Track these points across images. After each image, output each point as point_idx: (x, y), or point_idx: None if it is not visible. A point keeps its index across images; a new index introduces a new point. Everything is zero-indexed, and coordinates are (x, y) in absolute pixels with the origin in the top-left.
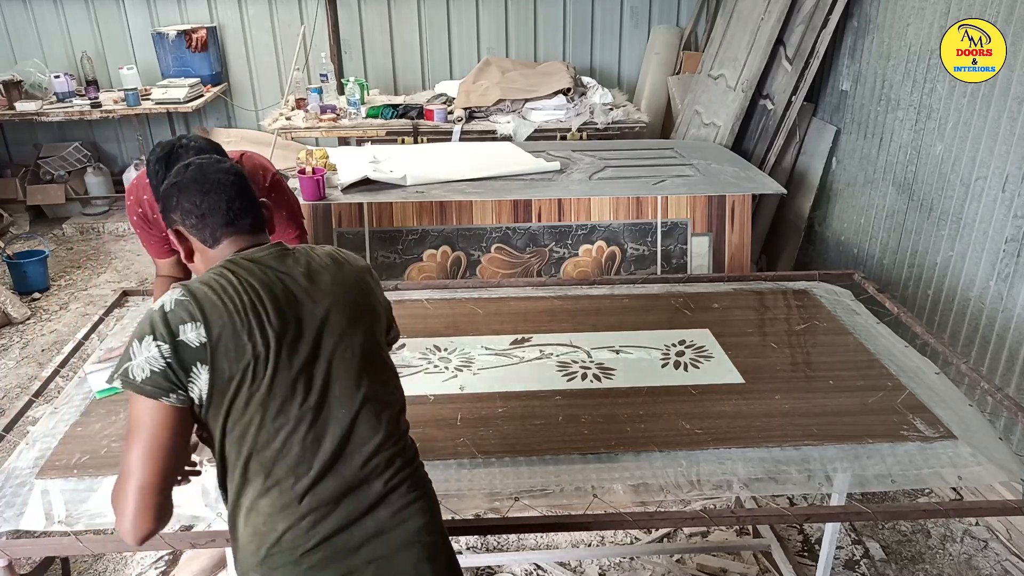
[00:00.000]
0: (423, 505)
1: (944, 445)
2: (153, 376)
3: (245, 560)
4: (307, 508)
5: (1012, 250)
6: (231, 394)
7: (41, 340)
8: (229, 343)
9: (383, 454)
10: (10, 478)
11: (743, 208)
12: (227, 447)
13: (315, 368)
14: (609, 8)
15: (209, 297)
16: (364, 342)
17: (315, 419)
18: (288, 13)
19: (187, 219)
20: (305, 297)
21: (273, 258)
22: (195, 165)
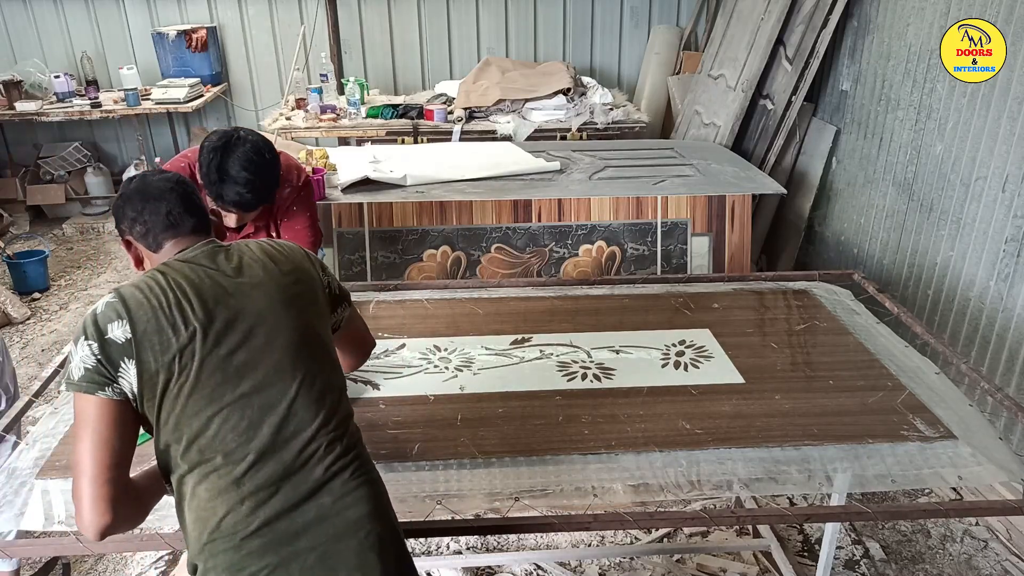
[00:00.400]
0: (367, 492)
1: (944, 445)
2: (87, 373)
3: (191, 548)
4: (246, 492)
5: (1012, 250)
6: (161, 386)
7: (41, 340)
8: (153, 338)
9: (322, 439)
10: (10, 478)
11: (743, 208)
12: (164, 437)
13: (246, 357)
14: (609, 8)
15: (136, 296)
16: (299, 327)
17: (248, 406)
18: (288, 13)
19: (133, 228)
20: (235, 289)
21: (204, 256)
22: (138, 177)
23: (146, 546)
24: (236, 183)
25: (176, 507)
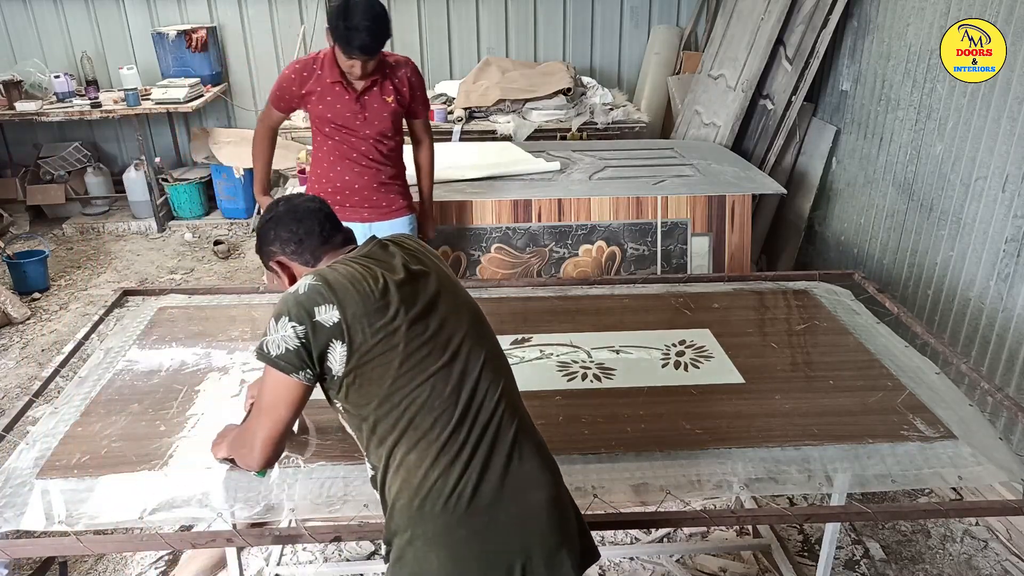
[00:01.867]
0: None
1: (944, 445)
2: (287, 353)
3: (399, 516)
4: (453, 457)
5: (1012, 250)
6: (371, 364)
7: (41, 340)
8: (363, 319)
9: (507, 404)
10: (10, 478)
11: (743, 208)
12: (373, 412)
13: (443, 329)
14: (609, 8)
15: (339, 281)
16: (469, 302)
17: (450, 374)
18: (288, 13)
19: (286, 247)
20: (418, 273)
21: (376, 249)
22: (283, 201)
23: (146, 546)
24: (359, 30)
25: (379, 476)
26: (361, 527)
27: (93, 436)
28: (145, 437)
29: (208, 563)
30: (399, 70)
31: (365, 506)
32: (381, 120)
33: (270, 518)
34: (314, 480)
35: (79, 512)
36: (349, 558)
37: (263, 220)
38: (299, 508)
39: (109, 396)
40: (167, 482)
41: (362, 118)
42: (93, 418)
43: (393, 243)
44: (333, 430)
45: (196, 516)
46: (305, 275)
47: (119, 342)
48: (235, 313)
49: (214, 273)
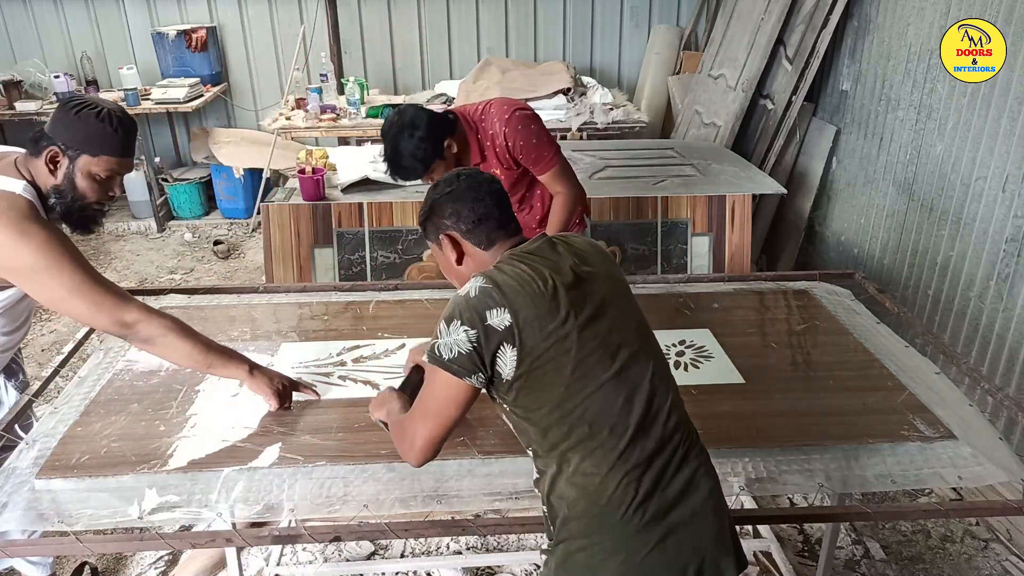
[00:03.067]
0: (709, 464)
1: (944, 445)
2: (459, 357)
3: (573, 523)
4: (630, 466)
5: (1012, 250)
6: (542, 368)
7: (41, 340)
8: (534, 323)
9: (675, 414)
10: (10, 478)
11: (743, 208)
12: (545, 417)
13: (613, 336)
14: (609, 8)
15: (509, 283)
16: (637, 310)
17: (623, 382)
18: (288, 13)
19: (464, 224)
20: (586, 275)
21: (546, 247)
22: (465, 175)
23: (146, 546)
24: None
25: (547, 481)
26: (361, 527)
27: (93, 436)
28: (145, 437)
29: (208, 563)
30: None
31: (365, 506)
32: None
33: (270, 518)
34: (314, 480)
35: (79, 512)
36: (349, 558)
37: (442, 190)
38: (299, 508)
39: (109, 396)
40: (167, 482)
41: None
42: (93, 418)
43: (562, 242)
44: (332, 429)
45: (196, 516)
46: (473, 276)
47: (119, 342)
48: (235, 313)
49: (214, 273)
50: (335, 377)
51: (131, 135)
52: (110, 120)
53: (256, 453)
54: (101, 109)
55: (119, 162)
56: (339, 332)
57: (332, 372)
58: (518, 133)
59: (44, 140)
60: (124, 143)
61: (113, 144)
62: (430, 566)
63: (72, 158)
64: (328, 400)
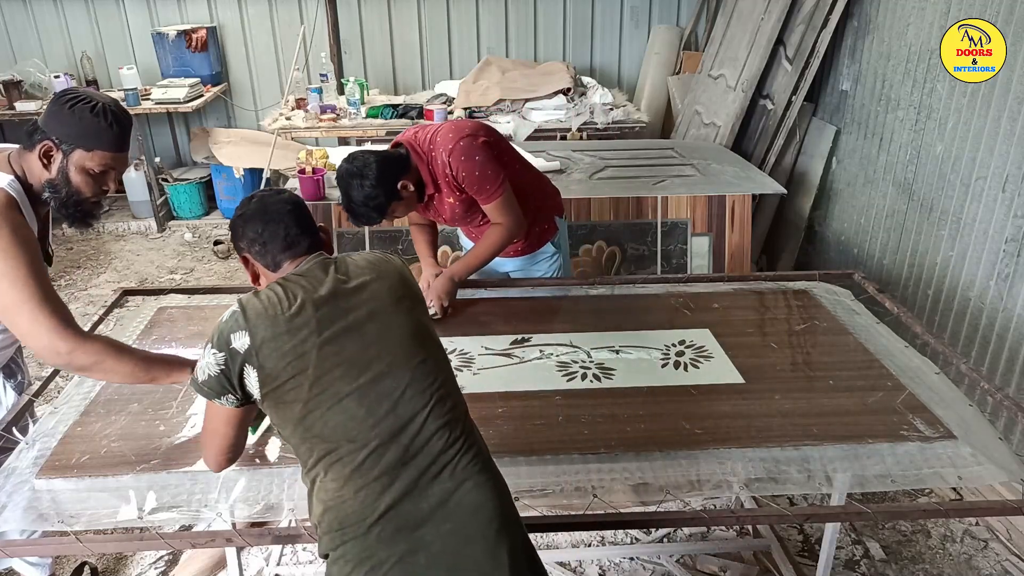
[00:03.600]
0: (487, 478)
1: (944, 445)
2: (209, 379)
3: (323, 538)
4: (370, 478)
5: (1012, 250)
6: (284, 387)
7: None
8: (271, 344)
9: (437, 424)
10: (10, 478)
11: (743, 208)
12: (292, 434)
13: (362, 352)
14: (609, 8)
15: (256, 307)
16: (409, 322)
17: (366, 395)
18: (288, 13)
19: (252, 247)
20: (347, 293)
21: (317, 267)
22: (257, 198)
23: (146, 546)
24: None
25: (308, 498)
26: None
27: (93, 436)
28: (145, 437)
29: (208, 563)
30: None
31: None
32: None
33: (270, 518)
34: None
35: (79, 512)
36: None
37: (236, 213)
38: (299, 508)
39: (109, 396)
40: (167, 482)
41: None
42: (93, 418)
43: (338, 261)
44: None
45: (196, 516)
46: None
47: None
48: None
49: (214, 273)
50: None
51: (126, 130)
52: (104, 115)
53: (256, 453)
54: (95, 104)
55: (114, 157)
56: None
57: None
58: (461, 164)
59: (38, 133)
60: (119, 138)
61: (108, 139)
62: None
63: (66, 152)
64: None
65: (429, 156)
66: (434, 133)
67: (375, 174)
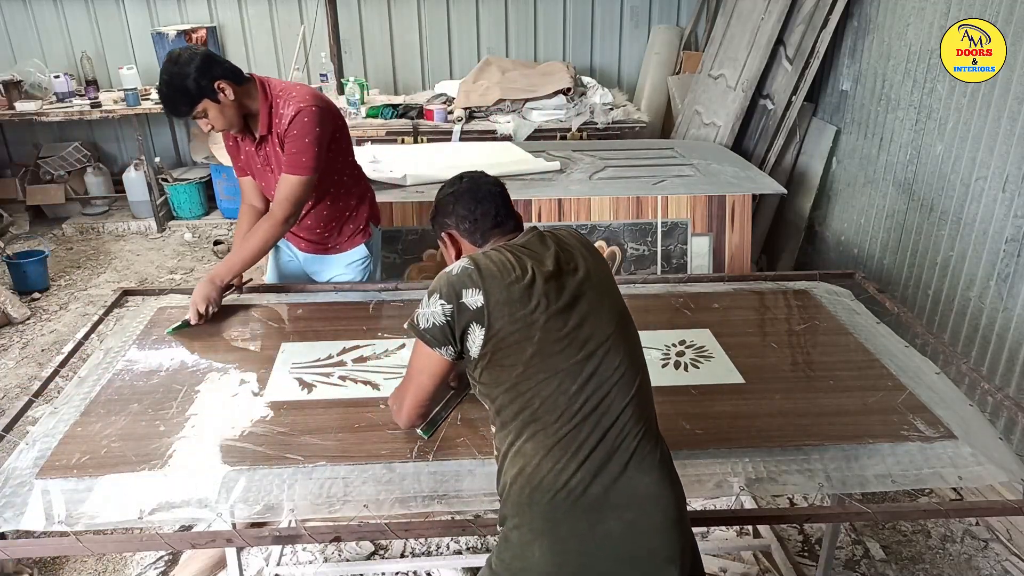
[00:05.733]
0: (668, 469)
1: (944, 445)
2: (433, 328)
3: (511, 502)
4: (567, 452)
5: (1012, 250)
6: (506, 351)
7: (41, 340)
8: (504, 308)
9: (635, 415)
10: (10, 478)
11: (743, 208)
12: (500, 396)
13: (582, 328)
14: (609, 8)
15: (490, 268)
16: (619, 307)
17: (580, 372)
18: (288, 13)
19: (461, 224)
20: (567, 270)
21: (535, 240)
22: (468, 178)
23: (146, 546)
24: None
25: (498, 459)
26: (361, 527)
27: (93, 436)
28: (145, 437)
29: (208, 563)
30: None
31: (365, 506)
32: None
33: (270, 518)
34: (314, 480)
35: (79, 512)
36: (349, 558)
37: (445, 192)
38: (299, 508)
39: (109, 396)
40: (167, 482)
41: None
42: (93, 418)
43: (553, 236)
44: (332, 429)
45: (196, 516)
46: (463, 257)
47: (119, 342)
48: (235, 313)
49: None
50: (335, 377)
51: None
52: None
53: (256, 453)
54: None
55: None
56: (339, 332)
57: (332, 372)
58: (302, 123)
59: None
60: None
61: None
62: (430, 566)
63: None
64: (328, 400)
65: (275, 100)
66: (293, 86)
67: (198, 62)
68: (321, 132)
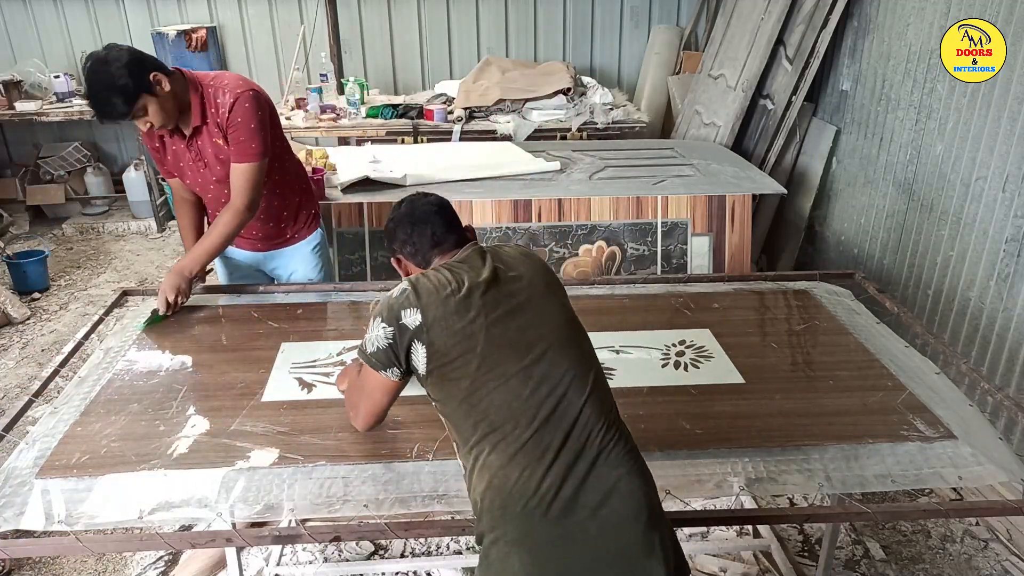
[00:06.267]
0: (638, 466)
1: (944, 445)
2: (378, 352)
3: (485, 517)
4: (532, 458)
5: (1012, 250)
6: (451, 364)
7: (41, 340)
8: (442, 323)
9: (596, 412)
10: (10, 478)
11: (743, 208)
12: (455, 411)
13: (526, 334)
14: (609, 8)
15: (427, 286)
16: (563, 309)
17: (531, 376)
18: (288, 13)
19: (404, 248)
20: (506, 279)
21: (474, 255)
22: (406, 202)
23: (146, 546)
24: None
25: (466, 476)
26: (361, 527)
27: (93, 436)
28: (145, 437)
29: (208, 563)
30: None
31: (365, 506)
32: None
33: (270, 518)
34: (314, 480)
35: (79, 512)
36: (349, 558)
37: (389, 218)
38: (299, 508)
39: (109, 396)
40: (167, 482)
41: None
42: (93, 418)
43: (491, 250)
44: (332, 429)
45: (196, 516)
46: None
47: (119, 342)
48: (235, 313)
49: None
50: (335, 377)
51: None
52: None
53: (256, 453)
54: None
55: None
56: (339, 332)
57: (332, 372)
58: (244, 110)
59: None
60: None
61: None
62: (430, 566)
63: None
64: (328, 400)
65: (206, 88)
66: (222, 75)
67: (126, 57)
68: (263, 116)
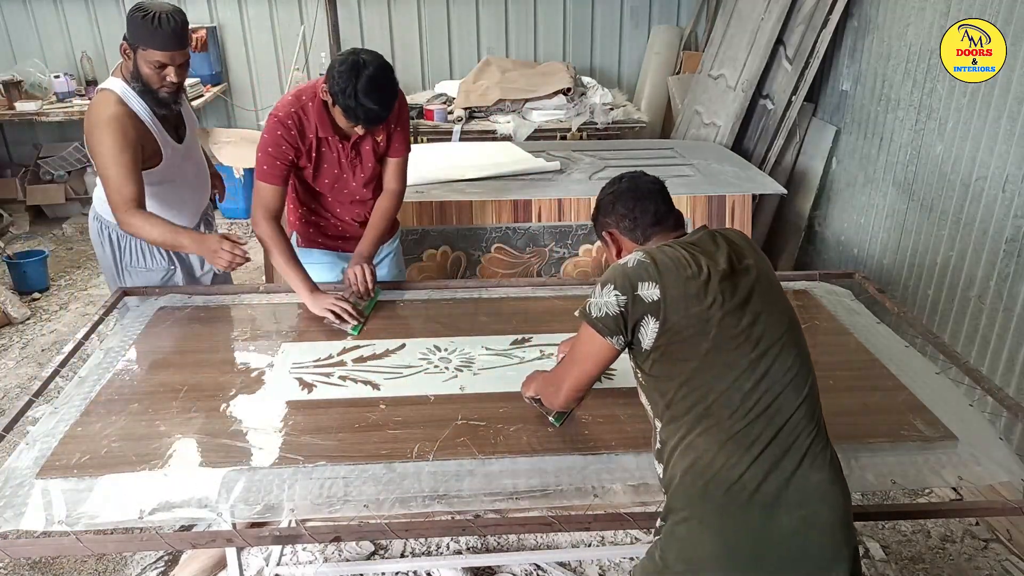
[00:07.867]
0: (839, 474)
1: (944, 445)
2: (605, 317)
3: (680, 495)
4: (741, 447)
5: (1012, 250)
6: (680, 345)
7: (41, 340)
8: (680, 303)
9: (808, 414)
10: (10, 478)
11: (743, 208)
12: (673, 390)
13: (756, 327)
14: (609, 8)
15: (666, 263)
16: (789, 309)
17: (755, 370)
18: (288, 13)
19: (621, 222)
20: (740, 269)
21: (706, 240)
22: (627, 178)
23: (146, 546)
24: (370, 106)
25: (665, 451)
26: (361, 527)
27: (93, 436)
28: (145, 437)
29: (208, 563)
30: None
31: (365, 506)
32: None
33: (270, 518)
34: (314, 480)
35: (79, 512)
36: (349, 558)
37: (606, 191)
38: (299, 508)
39: (109, 396)
40: (167, 482)
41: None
42: (93, 418)
43: (723, 236)
44: (332, 429)
45: (196, 516)
46: (635, 251)
47: (119, 342)
48: (235, 313)
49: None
50: (335, 377)
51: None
52: (153, 19)
53: (256, 453)
54: (148, 12)
55: (163, 54)
56: (339, 332)
57: (332, 372)
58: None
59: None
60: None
61: (156, 39)
62: (430, 566)
63: (134, 49)
64: (328, 400)
65: None
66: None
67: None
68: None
